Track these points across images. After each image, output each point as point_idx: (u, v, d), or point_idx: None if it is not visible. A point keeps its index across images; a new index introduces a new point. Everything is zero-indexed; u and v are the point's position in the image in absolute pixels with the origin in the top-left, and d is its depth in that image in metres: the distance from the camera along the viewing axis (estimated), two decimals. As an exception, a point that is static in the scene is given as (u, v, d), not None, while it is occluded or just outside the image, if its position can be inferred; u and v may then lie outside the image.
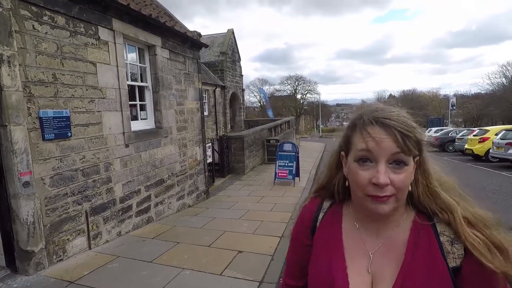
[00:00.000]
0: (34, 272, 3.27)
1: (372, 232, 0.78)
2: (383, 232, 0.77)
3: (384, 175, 0.67)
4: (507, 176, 9.55)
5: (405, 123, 0.69)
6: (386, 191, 0.68)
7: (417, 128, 0.71)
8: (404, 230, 0.76)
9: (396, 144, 0.67)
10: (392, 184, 0.67)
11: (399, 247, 0.75)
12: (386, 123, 0.69)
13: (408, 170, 0.69)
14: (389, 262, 0.74)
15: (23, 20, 3.17)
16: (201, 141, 7.29)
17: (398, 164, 0.68)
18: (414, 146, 0.69)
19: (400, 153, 0.67)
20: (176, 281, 3.18)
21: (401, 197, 0.71)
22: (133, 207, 4.85)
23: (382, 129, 0.69)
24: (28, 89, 3.24)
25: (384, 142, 0.67)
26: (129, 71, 5.16)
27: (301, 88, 53.72)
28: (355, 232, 0.81)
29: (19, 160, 3.11)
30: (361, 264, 0.77)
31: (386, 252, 0.76)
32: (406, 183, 0.70)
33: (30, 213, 3.22)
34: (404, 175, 0.68)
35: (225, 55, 20.19)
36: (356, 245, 0.80)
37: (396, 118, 0.69)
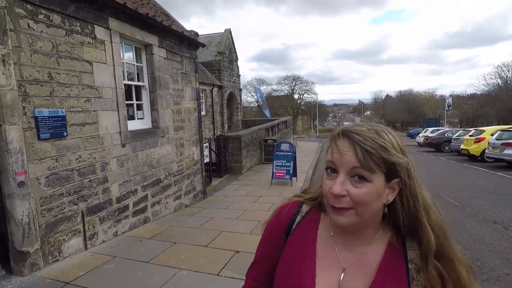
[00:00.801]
0: (30, 273, 3.24)
1: (346, 245, 0.79)
2: (356, 247, 0.77)
3: (340, 185, 0.69)
4: (503, 176, 9.62)
5: (371, 140, 0.69)
6: (342, 202, 0.69)
7: (389, 150, 0.69)
8: (378, 250, 0.76)
9: (357, 158, 0.68)
10: (350, 196, 0.69)
11: (371, 266, 0.75)
12: (350, 136, 0.70)
13: (371, 187, 0.69)
14: (359, 279, 0.75)
15: (18, 18, 3.13)
16: (198, 141, 7.27)
17: (359, 179, 0.69)
18: (377, 165, 0.68)
19: (360, 168, 0.68)
20: (173, 282, 3.16)
21: (361, 213, 0.70)
22: (129, 207, 4.82)
23: (347, 142, 0.70)
24: (23, 88, 3.20)
25: (346, 155, 0.69)
26: (126, 70, 5.12)
27: (299, 88, 53.88)
28: (330, 241, 0.81)
29: (14, 160, 3.08)
30: (332, 276, 0.77)
31: (358, 269, 0.76)
32: (365, 199, 0.69)
33: (25, 213, 3.19)
34: (364, 190, 0.69)
35: (223, 55, 20.17)
36: (329, 256, 0.79)
37: (363, 134, 0.70)
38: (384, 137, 0.71)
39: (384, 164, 0.69)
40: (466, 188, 7.93)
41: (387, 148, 0.69)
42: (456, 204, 6.44)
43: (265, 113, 22.41)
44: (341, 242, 0.79)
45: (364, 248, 0.77)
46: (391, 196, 0.73)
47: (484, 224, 5.24)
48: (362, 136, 0.70)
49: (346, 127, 0.74)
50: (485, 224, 5.24)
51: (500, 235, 4.71)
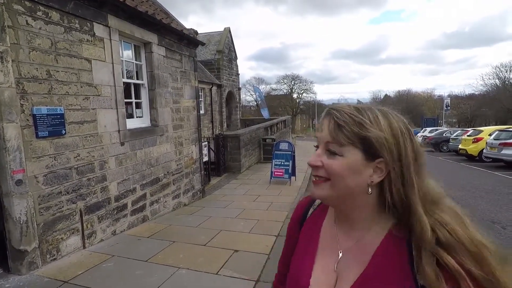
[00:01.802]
0: (27, 271, 3.22)
1: (345, 231, 0.79)
2: (354, 233, 0.77)
3: (315, 156, 0.73)
4: (501, 176, 9.66)
5: (346, 116, 0.69)
6: (318, 171, 0.72)
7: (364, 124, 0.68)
8: (377, 236, 0.74)
9: (329, 133, 0.71)
10: (325, 168, 0.71)
11: (367, 252, 0.74)
12: (330, 112, 0.73)
13: (342, 160, 0.69)
14: (355, 263, 0.74)
15: (16, 15, 3.11)
16: (197, 139, 7.26)
17: (330, 152, 0.71)
18: (347, 138, 0.68)
19: (331, 142, 0.70)
20: (171, 281, 3.15)
21: (335, 185, 0.71)
22: (128, 206, 4.80)
23: (326, 120, 0.73)
24: (21, 86, 3.18)
25: (323, 131, 0.72)
26: (125, 68, 5.10)
27: (297, 87, 53.88)
28: (332, 229, 0.83)
29: (11, 158, 3.06)
30: (329, 262, 0.78)
31: (355, 253, 0.76)
32: (336, 170, 0.70)
33: (23, 211, 3.17)
34: (336, 163, 0.70)
35: (222, 54, 20.13)
36: (330, 243, 0.81)
37: (341, 111, 0.71)
38: (364, 115, 0.70)
39: (356, 138, 0.68)
40: (464, 187, 7.95)
41: (361, 123, 0.68)
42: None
43: (262, 112, 22.11)
44: (342, 228, 0.80)
45: (362, 234, 0.76)
46: (377, 178, 0.69)
47: (482, 223, 5.22)
48: (339, 112, 0.71)
49: (331, 106, 0.75)
50: (483, 223, 5.25)
51: (498, 234, 4.73)
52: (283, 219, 5.20)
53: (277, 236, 4.41)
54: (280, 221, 5.11)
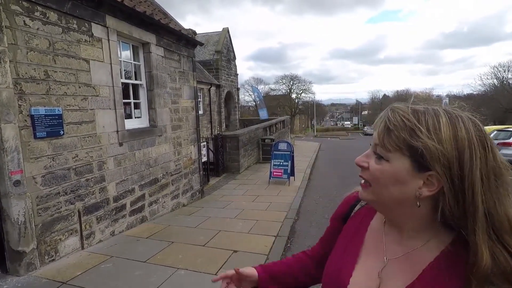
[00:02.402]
0: (26, 272, 3.21)
1: (396, 238, 0.74)
2: (404, 241, 0.72)
3: (363, 157, 0.70)
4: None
5: (399, 119, 0.63)
6: (364, 173, 0.70)
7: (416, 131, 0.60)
8: (431, 251, 0.67)
9: (377, 135, 0.67)
10: (370, 171, 0.68)
11: (418, 264, 0.68)
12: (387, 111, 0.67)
13: (388, 167, 0.64)
14: (402, 274, 0.69)
15: (14, 15, 3.10)
16: (196, 140, 7.25)
17: (377, 156, 0.67)
18: (395, 144, 0.62)
19: (378, 145, 0.66)
20: (170, 281, 3.15)
21: (377, 192, 0.67)
22: (127, 207, 4.79)
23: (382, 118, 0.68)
24: (19, 86, 3.17)
25: (376, 131, 0.68)
26: (123, 68, 5.09)
27: (296, 87, 53.91)
28: (380, 234, 0.78)
29: (9, 159, 3.05)
30: (373, 266, 0.75)
31: (402, 264, 0.70)
32: (378, 176, 0.66)
33: (21, 212, 3.16)
34: (380, 168, 0.66)
35: (220, 54, 20.12)
36: (376, 246, 0.77)
37: (398, 112, 0.64)
38: (421, 119, 0.61)
39: (404, 146, 0.61)
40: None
41: (414, 130, 0.61)
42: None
43: (260, 113, 21.84)
44: (391, 235, 0.76)
45: (414, 246, 0.69)
46: (426, 191, 0.61)
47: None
48: (394, 113, 0.65)
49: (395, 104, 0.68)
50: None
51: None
52: (282, 220, 5.19)
53: (276, 236, 4.41)
54: (279, 221, 5.11)
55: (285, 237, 4.41)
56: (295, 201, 6.65)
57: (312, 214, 5.87)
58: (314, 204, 6.66)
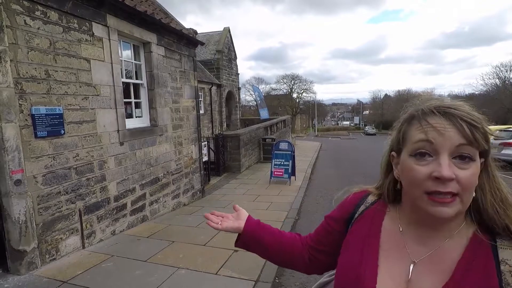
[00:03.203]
0: (26, 271, 3.22)
1: (417, 238, 0.71)
2: (431, 241, 0.69)
3: (449, 167, 0.60)
4: (501, 176, 9.64)
5: (471, 113, 0.62)
6: (450, 186, 0.60)
7: (485, 121, 0.63)
8: (458, 245, 0.67)
9: (462, 135, 0.60)
10: (457, 180, 0.60)
11: (447, 262, 0.66)
12: (450, 112, 0.62)
13: (475, 167, 0.61)
14: (431, 275, 0.66)
15: (14, 14, 3.10)
16: (196, 139, 7.25)
17: (463, 159, 0.61)
18: (482, 139, 0.61)
19: (466, 145, 0.60)
20: (171, 280, 3.15)
21: (466, 200, 0.62)
22: (127, 206, 4.80)
23: (445, 119, 0.62)
24: (20, 86, 3.17)
25: (448, 132, 0.61)
26: (124, 68, 5.09)
27: (297, 87, 53.89)
28: (397, 235, 0.75)
29: (10, 158, 3.05)
30: (398, 270, 0.71)
31: (430, 264, 0.68)
32: (473, 182, 0.61)
33: (22, 212, 3.16)
34: (470, 171, 0.60)
35: (221, 54, 20.12)
36: (396, 249, 0.73)
37: (461, 108, 0.63)
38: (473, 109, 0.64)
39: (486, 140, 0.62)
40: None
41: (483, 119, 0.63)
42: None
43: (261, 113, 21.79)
44: (412, 236, 0.72)
45: (441, 242, 0.67)
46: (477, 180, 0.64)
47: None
48: (461, 110, 0.62)
49: (437, 103, 0.66)
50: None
51: (498, 234, 4.72)
52: (282, 219, 5.19)
53: (276, 236, 4.40)
54: (279, 221, 5.10)
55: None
56: (296, 201, 6.64)
57: (313, 214, 5.86)
58: (315, 204, 6.65)
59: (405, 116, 0.72)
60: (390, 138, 0.78)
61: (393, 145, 0.75)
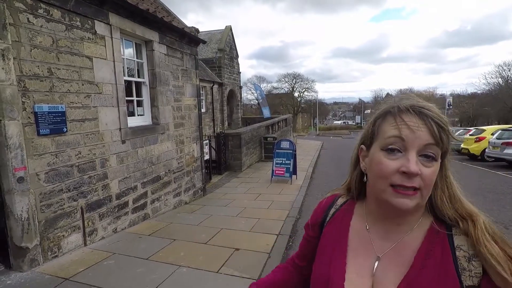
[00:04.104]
0: (29, 268, 3.24)
1: (382, 234, 0.75)
2: (394, 235, 0.73)
3: (416, 164, 0.64)
4: (503, 176, 9.62)
5: (440, 116, 0.67)
6: (414, 181, 0.64)
7: (450, 124, 0.68)
8: (418, 237, 0.71)
9: (431, 134, 0.65)
10: (421, 176, 0.64)
11: (408, 253, 0.70)
12: (423, 112, 0.66)
13: (437, 166, 0.66)
14: (394, 267, 0.71)
15: (17, 12, 3.11)
16: (198, 138, 7.26)
17: (428, 158, 0.65)
18: (446, 141, 0.66)
19: (433, 145, 0.65)
20: (172, 278, 3.16)
21: (425, 195, 0.67)
22: (129, 204, 4.81)
23: (418, 118, 0.66)
24: (23, 83, 3.18)
25: (420, 131, 0.65)
26: (126, 66, 5.10)
27: (299, 86, 53.75)
28: (363, 232, 0.78)
29: (13, 155, 3.07)
30: (364, 266, 0.74)
31: (394, 258, 0.72)
32: (433, 179, 0.67)
33: (24, 209, 3.18)
34: (432, 170, 0.65)
35: (223, 52, 20.11)
36: (363, 246, 0.77)
37: (433, 109, 0.67)
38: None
39: (448, 142, 0.67)
40: (466, 187, 7.81)
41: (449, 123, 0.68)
42: (456, 203, 6.42)
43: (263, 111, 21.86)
44: (376, 231, 0.76)
45: (402, 236, 0.72)
46: None
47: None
48: (433, 111, 0.67)
49: (412, 102, 0.69)
50: (485, 223, 5.23)
51: (500, 234, 4.71)
52: (284, 218, 5.19)
53: (278, 234, 4.41)
54: (281, 220, 5.11)
55: (287, 235, 4.41)
56: (297, 199, 6.65)
57: (314, 212, 5.86)
58: (316, 202, 6.64)
59: (380, 111, 0.74)
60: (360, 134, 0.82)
61: (364, 139, 0.78)
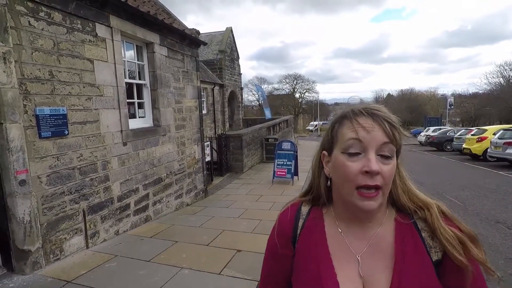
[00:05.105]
0: (31, 271, 3.23)
1: (356, 235, 0.77)
2: (367, 233, 0.76)
3: (376, 162, 0.68)
4: (505, 176, 9.58)
5: (390, 115, 0.72)
6: (376, 180, 0.68)
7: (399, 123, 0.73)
8: (388, 230, 0.76)
9: (386, 134, 0.69)
10: (382, 174, 0.68)
11: (386, 247, 0.74)
12: (375, 113, 0.71)
13: (394, 163, 0.71)
14: (378, 264, 0.73)
15: (18, 16, 3.12)
16: (199, 139, 7.26)
17: (385, 157, 0.69)
18: (399, 139, 0.71)
19: (389, 143, 0.69)
20: (174, 280, 3.15)
21: (386, 192, 0.71)
22: (131, 206, 4.81)
23: (371, 120, 0.70)
24: (24, 86, 3.19)
25: (374, 131, 0.69)
26: (127, 68, 5.11)
27: (300, 87, 53.80)
28: (338, 236, 0.78)
29: (15, 158, 3.07)
30: (350, 269, 0.74)
31: (373, 254, 0.74)
32: (392, 176, 0.71)
33: (26, 212, 3.18)
34: (390, 167, 0.69)
35: (224, 54, 20.14)
36: (342, 250, 0.77)
37: (383, 110, 0.73)
38: None
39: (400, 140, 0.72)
40: (468, 187, 7.88)
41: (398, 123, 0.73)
42: (458, 203, 6.41)
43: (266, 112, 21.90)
44: (350, 232, 0.77)
45: (375, 232, 0.76)
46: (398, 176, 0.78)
47: (486, 223, 5.21)
48: (384, 112, 0.72)
49: (364, 105, 0.74)
50: (488, 223, 5.21)
51: (503, 234, 4.69)
52: (285, 219, 5.17)
53: (279, 236, 4.39)
54: (282, 221, 5.08)
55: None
56: (299, 200, 6.62)
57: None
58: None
59: (336, 117, 0.79)
60: (320, 141, 0.85)
61: (325, 144, 0.81)
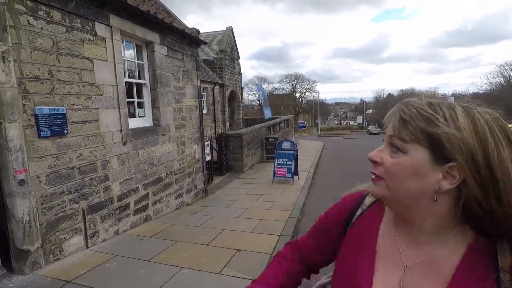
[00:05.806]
0: (31, 271, 3.23)
1: (410, 241, 0.70)
2: (422, 245, 0.67)
3: (377, 152, 0.67)
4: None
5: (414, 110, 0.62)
6: (377, 169, 0.67)
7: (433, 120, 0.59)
8: (454, 252, 0.64)
9: (392, 127, 0.65)
10: (384, 165, 0.65)
11: (444, 269, 0.64)
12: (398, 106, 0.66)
13: (405, 159, 0.62)
14: (428, 282, 0.65)
15: (18, 14, 3.11)
16: (199, 139, 7.25)
17: (394, 150, 0.65)
18: (412, 134, 0.60)
19: (393, 136, 0.64)
20: (174, 280, 3.14)
21: (391, 187, 0.64)
22: (130, 206, 4.80)
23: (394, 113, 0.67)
24: (23, 86, 3.18)
25: (390, 124, 0.67)
26: (127, 68, 5.09)
27: (300, 86, 53.84)
28: (393, 239, 0.73)
29: (14, 158, 3.06)
30: (392, 276, 0.69)
31: (426, 270, 0.66)
32: (394, 170, 0.63)
33: (25, 211, 3.17)
34: (395, 161, 0.63)
35: (224, 53, 20.12)
36: (391, 253, 0.72)
37: (410, 104, 0.63)
38: (437, 110, 0.60)
39: (422, 135, 0.60)
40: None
41: (431, 119, 0.59)
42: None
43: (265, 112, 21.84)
44: (406, 238, 0.71)
45: (434, 248, 0.66)
46: (447, 185, 0.59)
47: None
48: (407, 106, 0.64)
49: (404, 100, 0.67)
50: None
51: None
52: (286, 219, 5.17)
53: (280, 235, 4.39)
54: (283, 220, 5.08)
55: (289, 236, 4.39)
56: (299, 200, 6.62)
57: (316, 213, 5.82)
58: (318, 203, 6.63)
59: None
60: None
61: None
